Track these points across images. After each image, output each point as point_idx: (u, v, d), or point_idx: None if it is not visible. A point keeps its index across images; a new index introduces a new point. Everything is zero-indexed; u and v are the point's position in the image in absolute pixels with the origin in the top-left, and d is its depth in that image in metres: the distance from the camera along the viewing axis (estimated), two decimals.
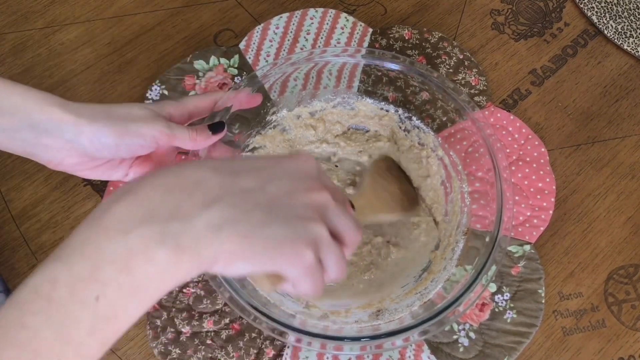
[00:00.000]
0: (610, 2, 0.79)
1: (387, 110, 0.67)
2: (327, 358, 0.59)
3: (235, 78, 0.72)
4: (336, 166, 0.68)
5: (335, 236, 0.42)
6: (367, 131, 0.69)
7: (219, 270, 0.38)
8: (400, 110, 0.67)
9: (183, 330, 0.60)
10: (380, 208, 0.58)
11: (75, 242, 0.36)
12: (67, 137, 0.50)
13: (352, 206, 0.49)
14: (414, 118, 0.66)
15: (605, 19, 0.78)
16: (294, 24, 0.75)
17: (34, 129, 0.50)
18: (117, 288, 0.35)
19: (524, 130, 0.70)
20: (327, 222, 0.41)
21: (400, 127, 0.67)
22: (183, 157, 0.64)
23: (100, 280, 0.35)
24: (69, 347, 0.34)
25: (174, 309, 0.60)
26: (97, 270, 0.35)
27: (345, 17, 0.76)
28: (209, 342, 0.59)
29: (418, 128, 0.66)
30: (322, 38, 0.75)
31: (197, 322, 0.60)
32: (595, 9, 0.78)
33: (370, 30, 0.76)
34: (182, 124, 0.56)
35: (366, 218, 0.55)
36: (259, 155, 0.46)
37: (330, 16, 0.76)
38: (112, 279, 0.35)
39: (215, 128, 0.56)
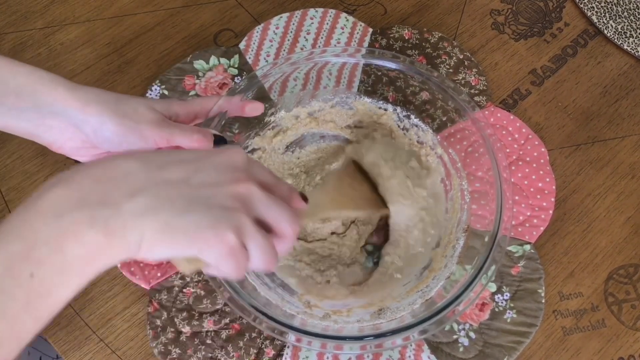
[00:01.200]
0: (610, 2, 0.79)
1: (385, 109, 0.67)
2: (327, 358, 0.59)
3: (235, 78, 0.72)
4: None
5: (266, 227, 0.44)
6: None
7: (144, 255, 0.40)
8: (399, 109, 0.67)
9: (183, 330, 0.60)
10: (344, 203, 0.58)
11: (12, 223, 0.38)
12: (72, 122, 0.52)
13: (305, 199, 0.49)
14: (412, 116, 0.66)
15: (605, 19, 0.78)
16: (294, 24, 0.75)
17: (39, 110, 0.51)
18: (51, 267, 0.38)
19: (524, 130, 0.70)
20: (252, 212, 0.43)
21: (398, 126, 0.67)
22: None
23: (34, 259, 0.37)
24: (4, 321, 0.37)
25: (174, 309, 0.60)
26: (32, 250, 0.37)
27: (345, 17, 0.76)
28: (209, 342, 0.59)
29: (416, 126, 0.66)
30: (322, 38, 0.75)
31: (197, 322, 0.60)
32: (595, 9, 0.78)
33: (370, 30, 0.76)
34: (187, 123, 0.57)
35: (324, 212, 0.55)
36: (188, 150, 0.48)
37: (330, 16, 0.76)
38: (46, 258, 0.37)
39: (218, 142, 0.56)
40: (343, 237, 0.64)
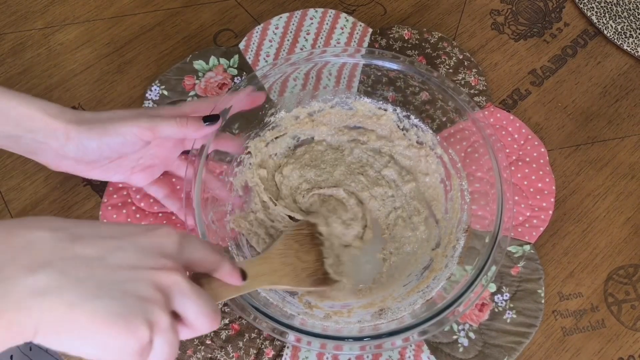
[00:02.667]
0: (610, 2, 0.79)
1: (385, 110, 0.67)
2: (327, 358, 0.59)
3: (235, 78, 0.72)
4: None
5: (180, 319, 0.40)
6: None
7: (40, 342, 0.35)
8: (399, 109, 0.67)
9: None
10: (285, 276, 0.54)
11: None
12: (58, 144, 0.52)
13: (245, 275, 0.47)
14: (412, 117, 0.66)
15: (605, 19, 0.78)
16: (293, 24, 0.75)
17: (34, 136, 0.52)
18: None
19: (523, 131, 0.70)
20: (171, 306, 0.39)
21: (398, 127, 0.67)
22: (183, 157, 0.64)
23: None
24: None
25: None
26: None
27: (345, 17, 0.76)
28: (208, 342, 0.59)
29: (416, 127, 0.66)
30: (321, 38, 0.75)
31: None
32: (595, 9, 0.78)
33: (370, 30, 0.76)
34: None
35: (262, 285, 0.52)
36: (115, 223, 0.44)
37: (330, 16, 0.76)
38: None
39: (208, 119, 0.56)
40: None
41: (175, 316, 0.40)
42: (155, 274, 0.38)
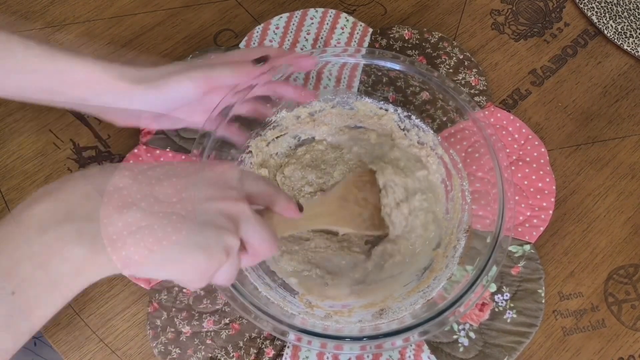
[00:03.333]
0: (610, 2, 0.79)
1: (386, 110, 0.67)
2: (327, 358, 0.59)
3: None
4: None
5: (243, 244, 0.45)
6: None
7: (130, 273, 0.39)
8: (400, 109, 0.67)
9: (183, 330, 0.60)
10: (342, 219, 0.56)
11: None
12: (124, 104, 0.56)
13: (301, 208, 0.49)
14: (413, 117, 0.66)
15: (605, 19, 0.78)
16: (294, 24, 0.75)
17: (102, 98, 0.56)
18: (33, 283, 0.37)
19: (524, 131, 0.70)
20: (239, 233, 0.43)
21: (399, 127, 0.67)
22: (183, 156, 0.64)
23: (17, 276, 0.36)
24: None
25: (174, 309, 0.60)
26: (15, 266, 0.36)
27: (345, 17, 0.76)
28: (209, 342, 0.59)
29: (417, 127, 0.66)
30: (322, 38, 0.75)
31: (197, 322, 0.60)
32: (595, 9, 0.78)
33: (370, 30, 0.76)
34: None
35: (319, 225, 0.53)
36: (182, 162, 0.49)
37: (330, 16, 0.76)
38: (29, 274, 0.36)
39: (259, 61, 0.59)
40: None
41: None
42: (225, 204, 0.42)
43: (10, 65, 0.53)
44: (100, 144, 0.68)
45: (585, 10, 0.78)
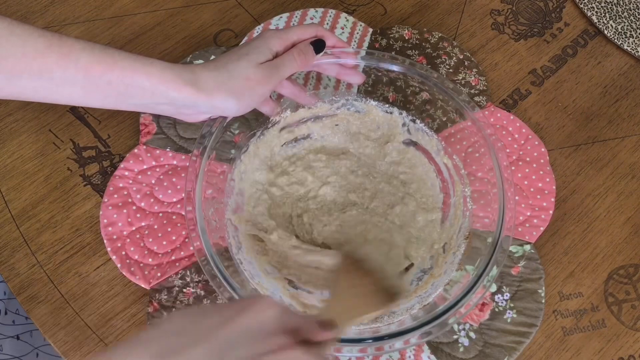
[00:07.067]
0: (610, 2, 0.79)
1: (390, 113, 0.67)
2: (327, 357, 0.59)
3: None
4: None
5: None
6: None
7: None
8: (404, 113, 0.66)
9: None
10: (360, 307, 0.54)
11: None
12: (202, 110, 0.57)
13: (332, 324, 0.46)
14: (417, 121, 0.66)
15: (605, 19, 0.78)
16: (294, 24, 0.75)
17: (173, 104, 0.55)
18: None
19: (524, 130, 0.70)
20: None
21: (402, 124, 0.67)
22: (183, 156, 0.64)
23: None
24: None
25: (174, 309, 0.60)
26: None
27: (345, 17, 0.76)
28: None
29: (422, 131, 0.66)
30: None
31: None
32: (595, 9, 0.78)
33: (370, 30, 0.76)
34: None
35: (348, 323, 0.51)
36: (210, 308, 0.45)
37: (330, 16, 0.76)
38: None
39: (318, 48, 0.60)
40: None
41: None
42: (276, 357, 0.39)
43: (71, 74, 0.51)
44: (100, 144, 0.68)
45: (585, 10, 0.78)
